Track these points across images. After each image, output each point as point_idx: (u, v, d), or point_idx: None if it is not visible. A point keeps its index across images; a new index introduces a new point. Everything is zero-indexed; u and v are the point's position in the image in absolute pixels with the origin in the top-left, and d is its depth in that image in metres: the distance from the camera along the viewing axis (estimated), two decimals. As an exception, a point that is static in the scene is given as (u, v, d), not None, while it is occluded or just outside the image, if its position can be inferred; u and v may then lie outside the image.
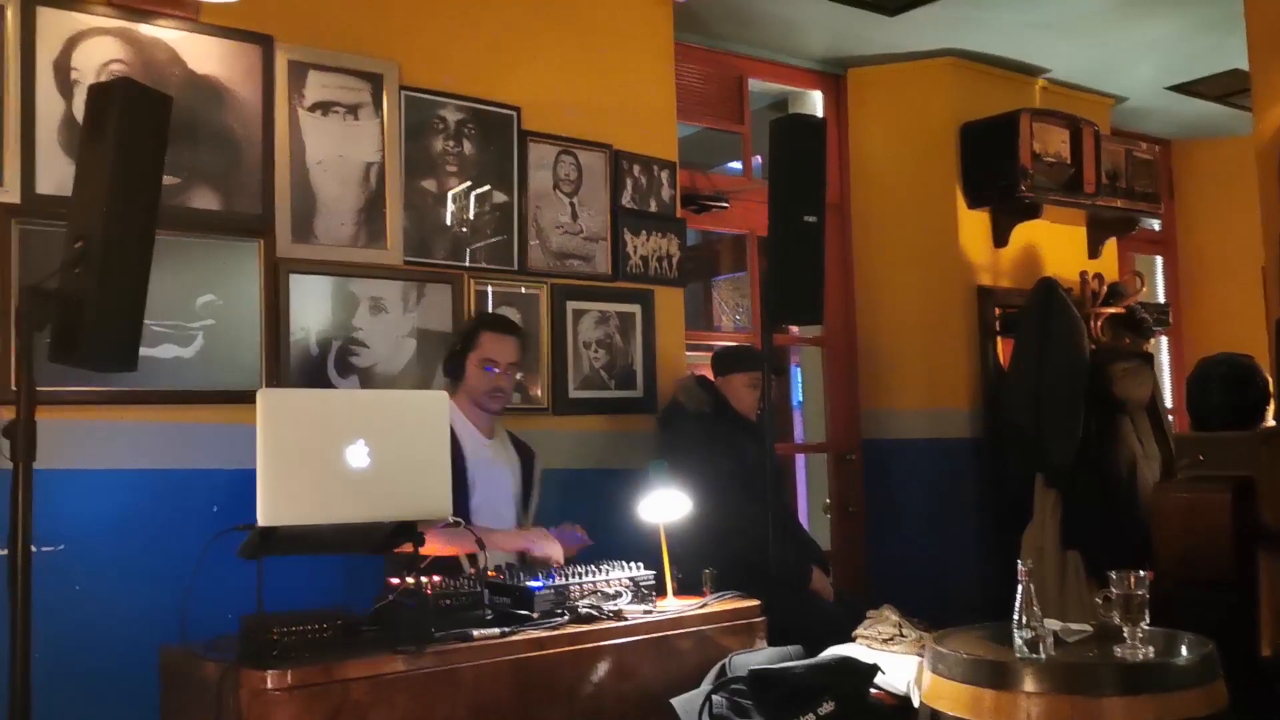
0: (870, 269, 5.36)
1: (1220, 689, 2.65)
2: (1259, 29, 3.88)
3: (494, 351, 3.42)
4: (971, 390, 5.10)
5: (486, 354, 3.41)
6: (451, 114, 3.88)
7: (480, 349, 3.42)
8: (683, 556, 3.33)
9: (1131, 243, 6.32)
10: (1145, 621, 2.70)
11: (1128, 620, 2.70)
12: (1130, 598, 2.70)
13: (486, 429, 3.49)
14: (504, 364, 3.43)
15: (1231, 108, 6.00)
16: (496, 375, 3.42)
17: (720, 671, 2.94)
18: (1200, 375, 4.36)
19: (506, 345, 3.45)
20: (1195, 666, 2.62)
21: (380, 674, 2.46)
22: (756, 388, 4.09)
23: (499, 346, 3.43)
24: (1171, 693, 2.55)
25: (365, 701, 2.42)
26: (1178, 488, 3.92)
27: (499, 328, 3.50)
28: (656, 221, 4.39)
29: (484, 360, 3.41)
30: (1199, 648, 2.69)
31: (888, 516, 5.25)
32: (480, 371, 3.41)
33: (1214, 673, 2.65)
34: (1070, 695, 2.55)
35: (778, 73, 5.27)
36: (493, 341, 3.44)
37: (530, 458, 3.63)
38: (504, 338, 3.46)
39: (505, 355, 3.44)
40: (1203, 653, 2.66)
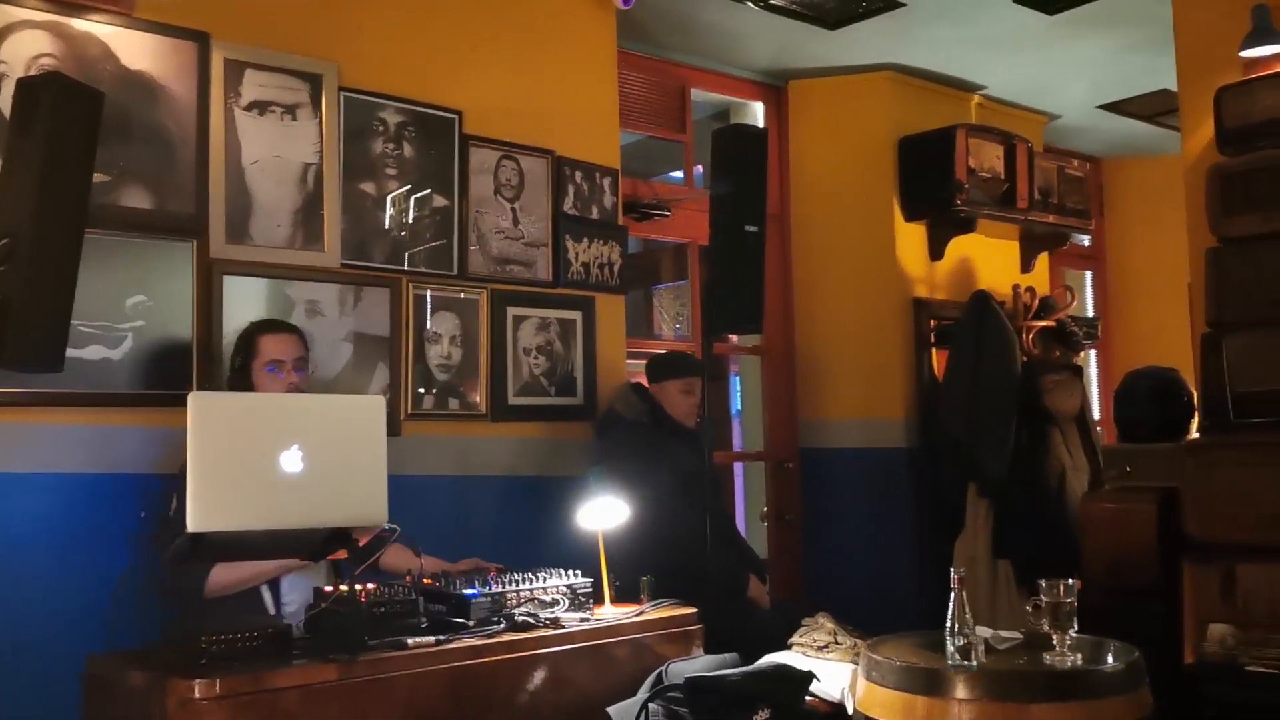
0: (809, 279, 5.40)
1: (1146, 695, 2.71)
2: (1187, 51, 3.98)
3: (275, 351, 3.20)
4: (907, 401, 5.16)
5: (269, 356, 3.19)
6: (392, 116, 3.85)
7: (261, 354, 3.20)
8: (621, 564, 3.33)
9: (1063, 257, 6.44)
10: (1074, 629, 2.75)
11: (1057, 628, 2.75)
12: (1059, 606, 2.75)
13: None
14: (290, 360, 3.22)
15: (1160, 127, 6.15)
16: (286, 375, 3.20)
17: (657, 679, 2.94)
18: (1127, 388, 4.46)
19: (286, 342, 3.24)
20: (1122, 673, 2.67)
21: (311, 683, 2.42)
22: (690, 394, 4.09)
23: (279, 345, 3.22)
24: (1099, 699, 2.61)
25: (296, 711, 2.38)
26: (1105, 498, 4.00)
27: (273, 328, 3.28)
28: (598, 228, 4.39)
29: (267, 362, 3.19)
30: (1125, 655, 2.75)
31: (824, 525, 5.29)
32: (267, 375, 3.19)
33: (1140, 679, 2.71)
34: (1001, 702, 2.59)
35: (720, 83, 5.30)
36: (271, 342, 3.22)
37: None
38: (282, 335, 3.25)
39: (288, 352, 3.22)
40: (1129, 660, 2.72)
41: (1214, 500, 3.45)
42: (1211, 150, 3.73)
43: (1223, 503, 3.43)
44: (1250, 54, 3.66)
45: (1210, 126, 3.72)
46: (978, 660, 2.66)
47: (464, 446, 3.90)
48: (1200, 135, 3.84)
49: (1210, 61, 3.82)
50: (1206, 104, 3.72)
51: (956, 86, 5.55)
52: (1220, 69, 3.75)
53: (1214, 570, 3.42)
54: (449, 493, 3.82)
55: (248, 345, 3.24)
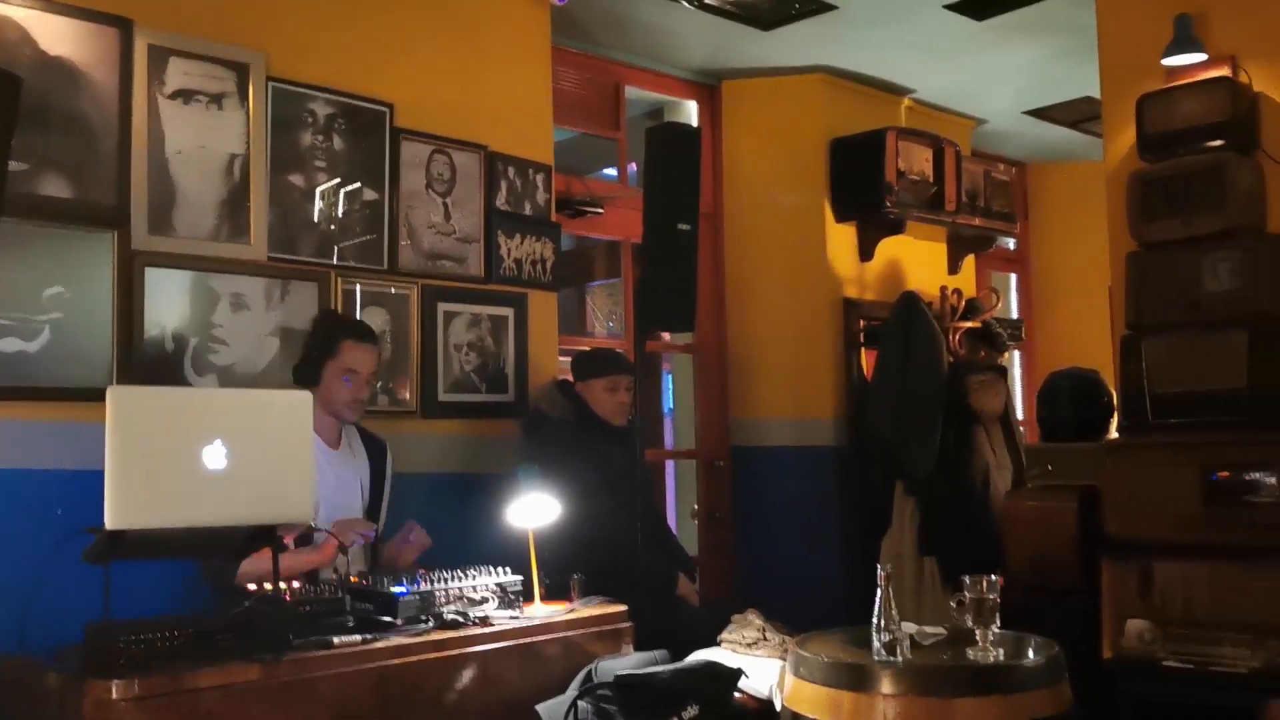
0: (741, 278, 5.43)
1: (1065, 690, 2.77)
2: (1110, 59, 4.06)
3: (355, 362, 3.27)
4: (836, 400, 5.21)
5: (347, 364, 3.26)
6: (321, 108, 3.79)
7: (340, 359, 3.26)
8: (551, 562, 3.31)
9: (988, 260, 6.55)
10: (996, 625, 2.80)
11: (980, 624, 2.80)
12: (982, 602, 2.80)
13: (334, 438, 3.35)
14: (364, 375, 3.29)
15: (1084, 133, 6.29)
16: (357, 387, 3.27)
17: (586, 677, 2.93)
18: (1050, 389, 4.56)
19: (367, 355, 3.30)
20: (1042, 668, 2.73)
21: (233, 683, 2.38)
22: (616, 392, 4.08)
23: (360, 357, 3.28)
24: (1020, 693, 2.65)
25: (217, 712, 2.34)
26: (1027, 497, 4.08)
27: (360, 336, 3.33)
28: (531, 225, 4.36)
29: (344, 371, 3.25)
30: (1046, 650, 2.80)
31: (754, 523, 5.32)
32: (339, 382, 3.25)
33: (1060, 674, 2.76)
34: (925, 697, 2.62)
35: (654, 81, 5.30)
36: (354, 351, 3.27)
37: (381, 454, 3.48)
38: (365, 347, 3.31)
39: (366, 366, 3.29)
40: (1049, 655, 2.77)
41: (1132, 499, 3.53)
42: (1132, 156, 3.82)
43: (1141, 501, 3.51)
44: (1171, 62, 3.75)
45: (1132, 133, 3.80)
46: (903, 656, 2.69)
47: (393, 443, 3.84)
48: (1122, 141, 3.93)
49: (1132, 69, 3.90)
50: (1128, 111, 3.81)
51: (887, 90, 5.62)
52: (1142, 77, 3.83)
53: (1132, 567, 3.50)
54: (378, 490, 3.77)
55: (328, 344, 3.26)
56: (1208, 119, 3.61)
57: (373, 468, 3.45)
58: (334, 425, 3.35)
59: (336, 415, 3.32)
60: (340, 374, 3.26)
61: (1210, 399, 3.52)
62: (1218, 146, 3.60)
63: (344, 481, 3.35)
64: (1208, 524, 3.39)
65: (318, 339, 3.35)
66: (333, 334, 3.32)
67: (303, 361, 3.33)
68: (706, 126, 5.42)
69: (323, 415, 3.29)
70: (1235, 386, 3.46)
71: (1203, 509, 3.39)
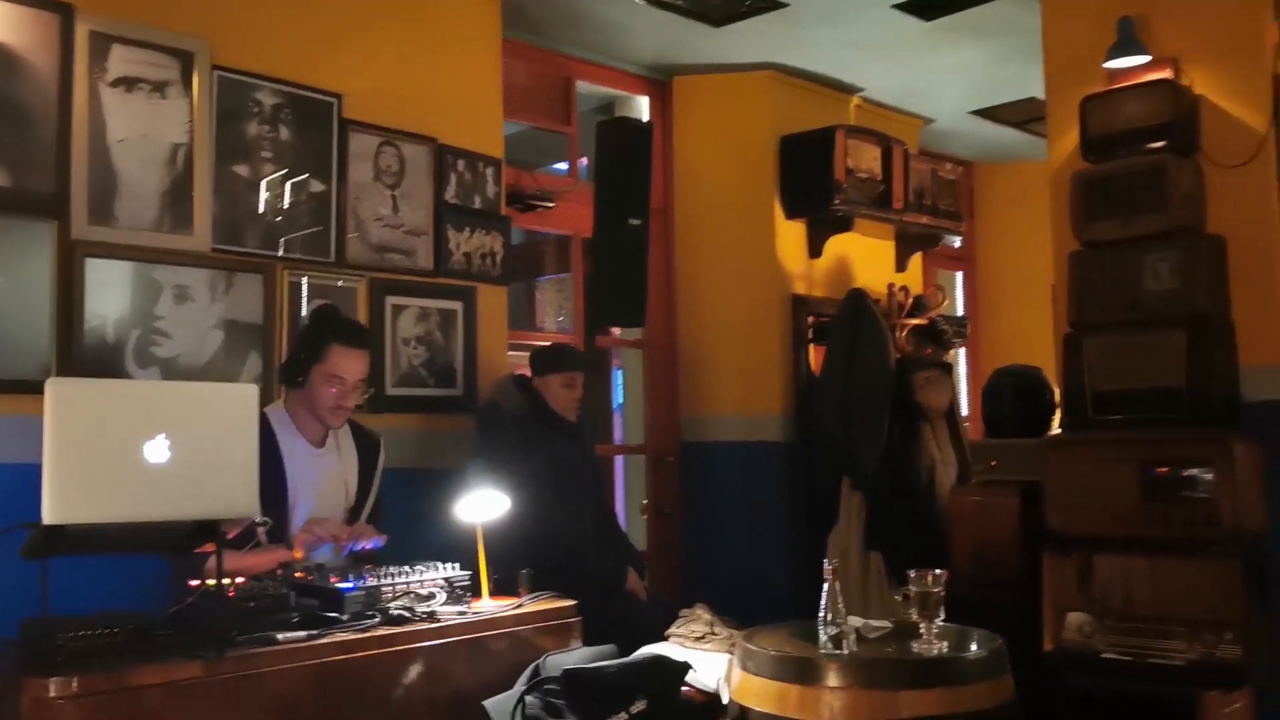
0: (692, 274, 5.45)
1: (1007, 682, 2.81)
2: (1055, 61, 4.13)
3: (343, 368, 3.17)
4: (784, 396, 5.25)
5: (335, 370, 3.16)
6: (267, 98, 3.74)
7: (328, 363, 3.16)
8: (500, 557, 3.30)
9: (935, 258, 6.63)
10: (940, 618, 2.84)
11: (924, 617, 2.83)
12: (927, 595, 2.83)
13: (318, 436, 3.28)
14: (351, 381, 3.20)
15: (1028, 134, 6.38)
16: (343, 392, 3.19)
17: (534, 672, 2.93)
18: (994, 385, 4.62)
19: (356, 361, 3.20)
20: (985, 661, 2.77)
21: (175, 681, 2.34)
22: (573, 388, 4.09)
23: (349, 363, 3.18)
24: (963, 685, 2.69)
25: (158, 710, 2.30)
26: (971, 492, 4.14)
27: (350, 340, 3.21)
28: (481, 218, 4.34)
29: (331, 376, 3.17)
30: (988, 643, 2.85)
31: (703, 518, 5.34)
32: (324, 388, 3.17)
33: (1002, 667, 2.81)
34: (869, 689, 2.65)
35: (605, 75, 5.30)
36: (343, 357, 3.17)
37: (373, 450, 3.42)
38: (355, 352, 3.20)
39: (355, 372, 3.19)
40: (992, 647, 2.81)
41: (1073, 494, 3.60)
42: (1076, 157, 3.88)
43: (1081, 496, 3.58)
44: (1114, 65, 3.81)
45: (1075, 134, 3.86)
46: (849, 649, 2.72)
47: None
48: (1065, 142, 3.99)
49: (1076, 71, 3.97)
50: (1072, 112, 3.87)
51: (836, 88, 5.66)
52: (1085, 79, 3.90)
53: (1072, 561, 3.56)
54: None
55: (317, 348, 3.16)
56: (1149, 121, 3.68)
57: (362, 464, 3.38)
58: (319, 427, 3.28)
59: (321, 419, 3.24)
60: (326, 379, 3.16)
61: (1149, 396, 3.59)
62: (1158, 148, 3.67)
63: (327, 480, 3.28)
64: (1146, 519, 3.46)
65: (307, 340, 3.24)
66: (322, 336, 3.20)
67: (289, 361, 3.25)
68: (657, 122, 5.42)
69: (306, 417, 3.24)
70: (1174, 384, 3.53)
71: (1141, 504, 3.46)
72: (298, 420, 3.24)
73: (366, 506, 3.38)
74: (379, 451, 3.45)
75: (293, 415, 3.24)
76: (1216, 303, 3.61)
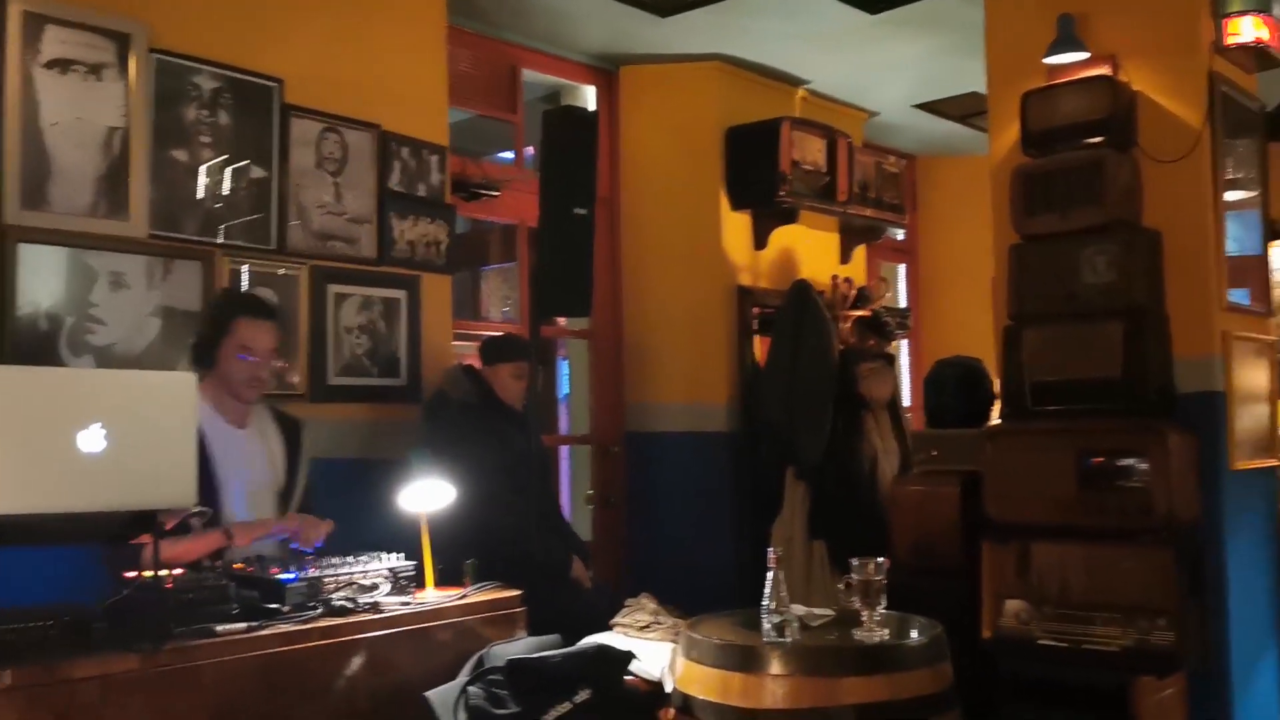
0: (637, 265, 5.45)
1: (947, 669, 2.85)
2: (996, 57, 4.18)
3: (251, 339, 3.16)
4: (730, 386, 5.27)
5: (243, 341, 3.15)
6: (207, 82, 3.68)
7: (235, 336, 3.15)
8: (445, 548, 3.28)
9: (878, 250, 6.69)
10: (882, 606, 2.87)
11: (866, 605, 2.86)
12: (869, 583, 2.86)
13: (238, 419, 3.25)
14: (262, 351, 3.20)
15: (970, 128, 6.45)
16: (255, 364, 3.17)
17: (478, 663, 2.92)
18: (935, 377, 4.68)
19: (264, 331, 3.21)
20: (925, 648, 2.80)
21: (111, 673, 2.30)
22: (522, 378, 4.08)
23: (256, 333, 3.18)
24: (903, 672, 2.72)
25: (94, 704, 2.26)
26: (913, 482, 4.19)
27: (256, 312, 3.24)
28: (425, 206, 4.30)
29: (240, 348, 3.15)
30: (929, 630, 2.88)
31: (648, 507, 5.35)
32: (236, 360, 3.15)
33: (942, 653, 2.84)
34: (812, 677, 2.67)
35: (551, 65, 5.27)
36: (249, 328, 3.17)
37: (295, 434, 3.39)
38: (261, 323, 3.21)
39: (263, 342, 3.19)
40: (932, 635, 2.85)
41: (1011, 483, 3.65)
42: (1016, 151, 3.93)
43: (1019, 486, 3.63)
44: (1054, 61, 3.87)
45: (1016, 129, 3.91)
46: (792, 637, 2.74)
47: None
48: (1006, 137, 4.04)
49: (1017, 67, 4.02)
50: (1013, 107, 3.92)
51: (782, 80, 5.69)
52: (1026, 74, 3.95)
53: (1010, 549, 3.61)
54: (264, 475, 3.69)
55: (222, 323, 3.14)
56: (1087, 116, 3.73)
57: (287, 448, 3.35)
58: (238, 406, 3.24)
59: (236, 395, 3.21)
60: (236, 351, 3.15)
61: (1086, 387, 3.65)
62: (1097, 143, 3.73)
63: (252, 460, 3.25)
64: (1082, 508, 3.52)
65: (211, 318, 3.25)
66: (226, 311, 3.22)
67: (197, 342, 3.23)
68: (604, 111, 5.41)
69: (222, 397, 3.20)
70: (1110, 375, 3.60)
71: (1078, 493, 3.52)
72: (216, 403, 3.19)
73: (296, 491, 3.34)
74: (301, 435, 3.41)
75: (210, 398, 3.18)
76: (1152, 296, 3.67)
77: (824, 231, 5.82)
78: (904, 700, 2.69)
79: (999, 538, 3.65)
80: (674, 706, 2.90)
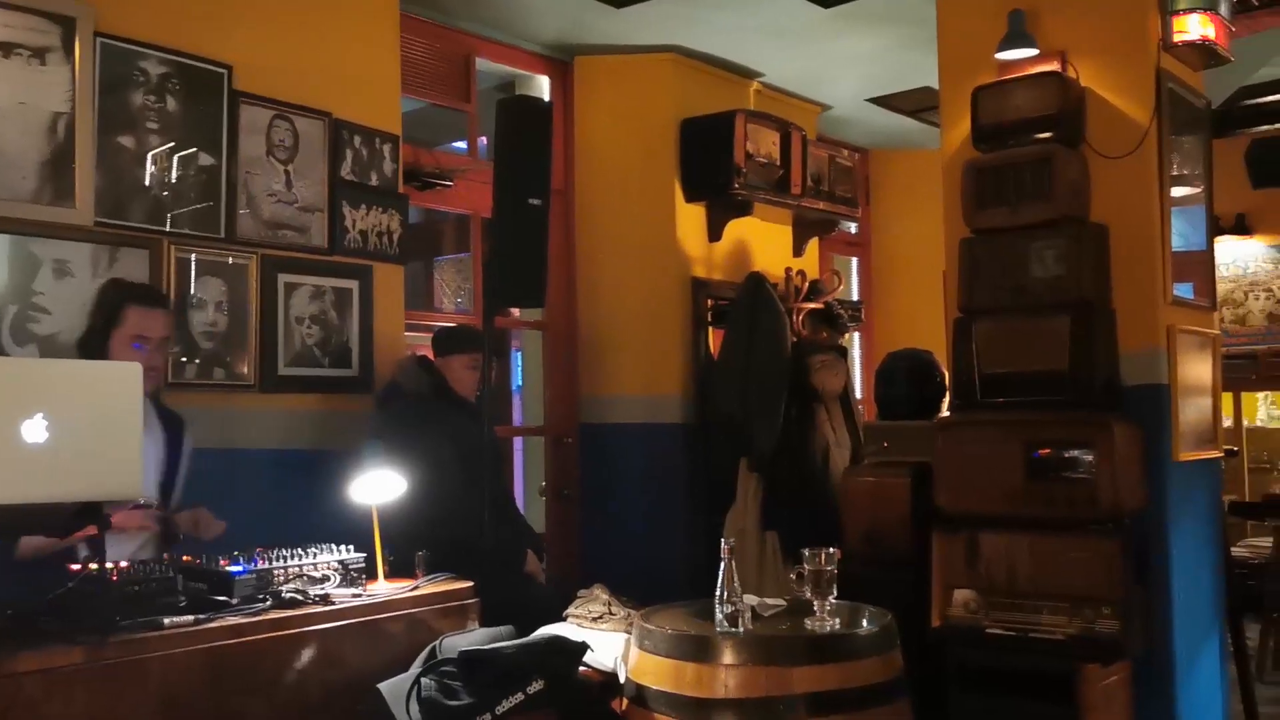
0: (592, 256, 5.43)
1: (897, 657, 2.88)
2: (949, 52, 4.21)
3: (143, 327, 3.08)
4: (683, 378, 5.28)
5: (134, 330, 3.08)
6: (154, 67, 3.62)
7: (126, 325, 3.07)
8: (397, 539, 3.27)
9: (831, 243, 6.72)
10: (833, 596, 2.89)
11: (818, 595, 2.89)
12: (820, 573, 2.89)
13: None
14: (155, 339, 3.12)
15: (923, 122, 6.50)
16: (148, 353, 3.08)
17: (430, 654, 2.91)
18: (887, 369, 4.71)
19: (156, 319, 3.13)
20: (875, 637, 2.83)
21: (55, 667, 2.27)
22: (477, 369, 4.06)
23: (148, 321, 3.10)
24: (854, 661, 2.75)
25: (38, 697, 2.23)
26: (864, 473, 4.22)
27: (146, 300, 3.16)
28: (377, 196, 4.27)
29: (132, 337, 3.07)
30: (879, 619, 2.91)
31: (602, 499, 5.35)
32: (129, 350, 3.06)
33: (892, 642, 2.88)
34: (764, 666, 2.69)
35: (506, 54, 5.24)
36: (140, 316, 3.09)
37: (178, 430, 3.31)
38: (152, 311, 3.13)
39: (155, 330, 3.12)
40: (882, 624, 2.88)
41: (960, 474, 3.69)
42: (967, 146, 3.97)
43: (968, 476, 3.67)
44: (1005, 56, 3.90)
45: (967, 123, 3.94)
46: (744, 627, 2.76)
47: (230, 418, 3.73)
48: (958, 131, 4.08)
49: (969, 62, 4.05)
50: (964, 102, 3.95)
51: (737, 72, 5.70)
52: (978, 69, 3.98)
53: (960, 540, 3.65)
54: (213, 466, 3.63)
55: (112, 312, 3.06)
56: (1037, 112, 3.77)
57: (168, 444, 3.27)
58: None
59: None
60: (128, 342, 3.07)
61: (1034, 380, 3.70)
62: (1046, 138, 3.77)
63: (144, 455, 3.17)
64: (1030, 498, 3.56)
65: (100, 308, 3.15)
66: (116, 301, 3.13)
67: (87, 333, 3.13)
68: (559, 102, 5.39)
69: None
70: (1057, 368, 3.64)
71: (1026, 484, 3.57)
72: None
73: (177, 486, 3.26)
74: (184, 431, 3.33)
75: None
76: (1099, 290, 3.72)
77: (778, 224, 5.84)
78: (855, 689, 2.72)
79: (949, 528, 3.69)
80: (627, 696, 2.91)
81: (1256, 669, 5.41)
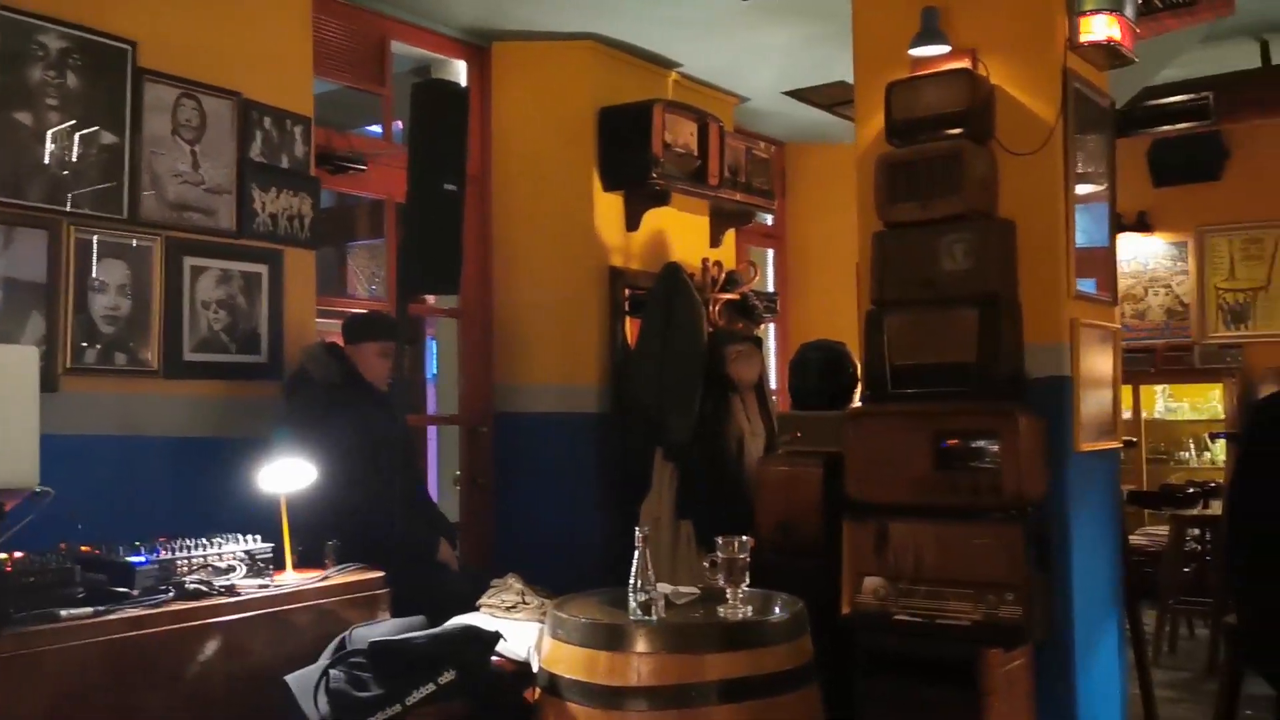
0: (508, 243, 5.40)
1: (807, 644, 2.92)
2: (864, 47, 4.26)
3: None
4: (600, 367, 5.27)
5: None
6: (54, 41, 3.49)
7: None
8: (306, 529, 3.21)
9: (748, 234, 6.77)
10: (746, 584, 2.92)
11: (731, 583, 2.91)
12: (734, 562, 2.91)
13: None
14: None
15: (838, 116, 6.57)
16: None
17: (340, 645, 2.87)
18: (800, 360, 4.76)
19: None
20: (786, 624, 2.87)
21: (-56, 662, 2.19)
22: (389, 357, 4.01)
23: None
24: (765, 647, 2.78)
25: (-76, 694, 2.15)
26: (777, 462, 4.26)
27: None
28: (288, 178, 4.18)
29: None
30: (790, 607, 2.95)
31: (517, 488, 5.33)
32: None
33: (803, 629, 2.91)
34: (677, 654, 2.71)
35: (422, 38, 5.17)
36: None
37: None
38: None
39: None
40: (793, 611, 2.91)
41: (870, 464, 3.75)
42: (881, 141, 4.02)
43: (878, 466, 3.73)
44: (917, 53, 3.96)
45: (881, 118, 3.99)
46: (657, 615, 2.77)
47: (132, 405, 3.63)
48: (871, 126, 4.13)
49: (883, 57, 4.10)
50: (878, 97, 4.00)
51: (655, 62, 5.70)
52: (892, 65, 4.03)
53: (869, 528, 3.71)
54: (114, 454, 3.54)
55: None
56: (948, 108, 3.84)
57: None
58: None
59: None
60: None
61: (943, 371, 3.77)
62: (956, 135, 3.84)
63: None
64: (937, 487, 3.63)
65: None
66: None
67: None
68: (476, 88, 5.33)
69: None
70: (965, 360, 3.71)
71: (933, 473, 3.63)
72: None
73: None
74: None
75: None
76: (1006, 283, 3.80)
77: (695, 215, 5.86)
78: (766, 675, 2.75)
79: (859, 517, 3.74)
80: (540, 686, 2.90)
81: (1153, 654, 5.61)
